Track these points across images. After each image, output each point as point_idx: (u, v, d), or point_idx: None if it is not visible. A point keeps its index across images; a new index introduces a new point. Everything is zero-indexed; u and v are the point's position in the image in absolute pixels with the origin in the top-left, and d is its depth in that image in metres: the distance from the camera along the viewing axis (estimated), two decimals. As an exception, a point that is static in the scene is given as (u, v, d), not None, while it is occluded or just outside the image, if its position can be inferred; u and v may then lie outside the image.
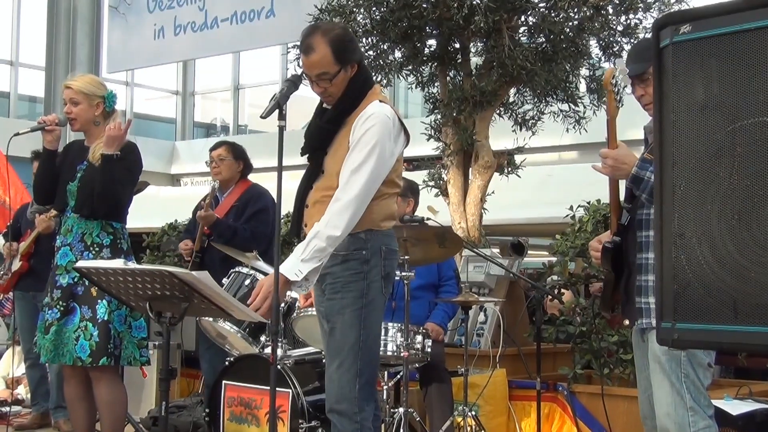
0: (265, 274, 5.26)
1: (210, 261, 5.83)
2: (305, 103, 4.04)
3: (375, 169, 3.55)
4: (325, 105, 3.78)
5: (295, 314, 5.09)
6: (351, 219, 3.51)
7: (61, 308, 4.65)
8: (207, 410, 5.12)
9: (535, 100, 7.87)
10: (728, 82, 1.89)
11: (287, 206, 3.77)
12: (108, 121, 4.78)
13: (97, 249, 4.69)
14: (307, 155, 3.80)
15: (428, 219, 5.74)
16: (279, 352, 4.73)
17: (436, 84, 8.06)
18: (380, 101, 3.68)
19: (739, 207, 1.85)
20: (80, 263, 4.07)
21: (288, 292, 4.89)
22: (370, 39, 7.57)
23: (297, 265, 3.46)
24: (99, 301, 4.59)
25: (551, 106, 7.92)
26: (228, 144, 6.26)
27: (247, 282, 5.27)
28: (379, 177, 3.59)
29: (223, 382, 4.96)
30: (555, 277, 6.79)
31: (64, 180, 4.80)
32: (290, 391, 4.63)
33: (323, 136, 3.72)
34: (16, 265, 6.50)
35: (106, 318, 4.59)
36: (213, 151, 6.18)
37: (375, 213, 3.63)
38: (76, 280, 4.66)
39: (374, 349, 3.74)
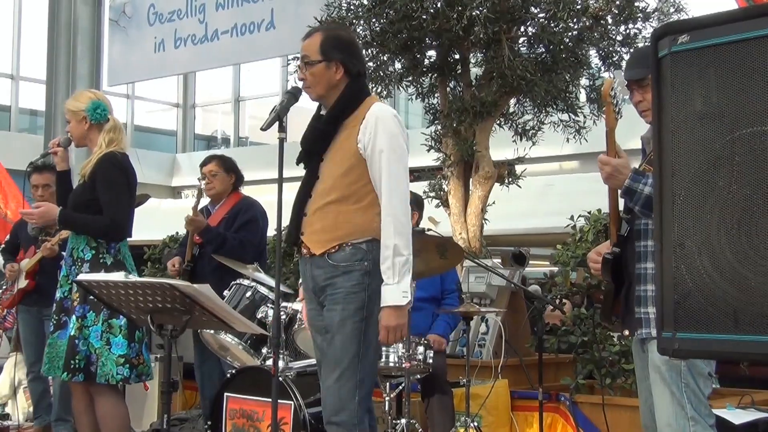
0: (267, 285, 5.25)
1: (201, 271, 5.82)
2: (307, 114, 4.04)
3: (405, 168, 3.64)
4: (321, 112, 3.78)
5: (296, 326, 5.09)
6: (408, 221, 3.60)
7: (54, 321, 4.71)
8: (209, 423, 5.11)
9: (535, 110, 7.88)
10: (727, 92, 1.89)
11: (286, 218, 3.76)
12: (103, 133, 4.76)
13: (79, 264, 4.68)
14: (302, 163, 3.79)
15: (429, 230, 5.74)
16: (281, 364, 4.71)
17: (436, 95, 8.07)
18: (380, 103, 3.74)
19: (738, 216, 1.85)
20: (81, 276, 4.08)
21: (289, 304, 4.91)
22: (370, 50, 7.59)
23: (397, 289, 3.51)
24: (71, 315, 4.59)
25: (551, 116, 7.93)
26: (217, 158, 6.20)
27: (248, 294, 5.27)
28: (407, 172, 3.68)
29: (225, 394, 4.95)
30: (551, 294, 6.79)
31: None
32: (292, 403, 4.62)
33: (322, 137, 3.71)
34: (23, 282, 6.48)
35: (73, 333, 4.55)
36: (203, 166, 6.13)
37: (377, 221, 3.61)
38: (65, 294, 4.69)
39: (374, 362, 3.74)
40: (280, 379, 4.62)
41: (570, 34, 7.34)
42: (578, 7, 7.07)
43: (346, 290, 3.59)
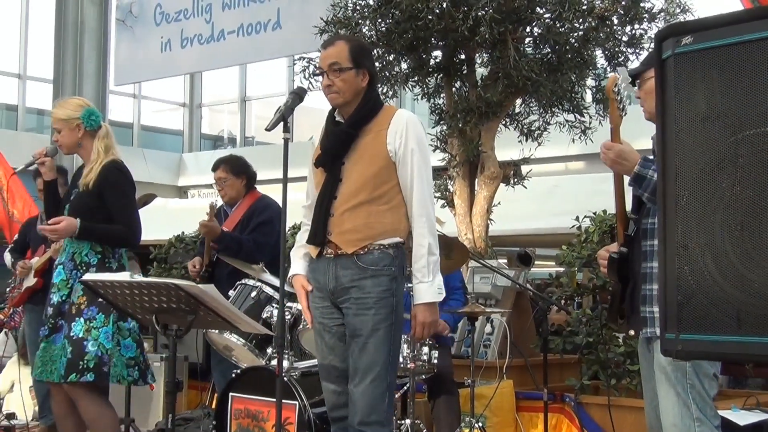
0: (272, 285, 5.25)
1: (219, 275, 5.82)
2: (313, 114, 4.06)
3: (431, 172, 3.80)
4: (337, 118, 3.82)
5: (301, 326, 5.09)
6: (435, 222, 3.78)
7: (50, 325, 4.68)
8: (214, 422, 5.12)
9: (541, 110, 7.88)
10: (730, 93, 1.89)
11: (293, 218, 3.77)
12: (97, 140, 4.78)
13: (84, 268, 4.65)
14: (321, 167, 3.81)
15: (434, 230, 5.73)
16: (285, 364, 4.72)
17: (441, 95, 8.07)
18: None
19: (741, 218, 1.85)
20: (86, 276, 4.09)
21: (294, 304, 4.90)
22: (375, 50, 7.59)
23: (431, 286, 3.68)
24: (77, 318, 4.57)
25: (557, 116, 7.92)
26: (224, 162, 6.08)
27: (253, 294, 5.27)
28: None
29: (230, 394, 4.96)
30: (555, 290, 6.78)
31: (64, 202, 4.84)
32: (297, 403, 4.63)
33: (344, 142, 3.75)
34: (31, 281, 6.49)
35: (81, 335, 4.53)
36: (213, 172, 6.07)
37: (404, 223, 3.73)
38: (64, 298, 4.67)
39: (397, 367, 3.84)
40: (285, 379, 4.63)
41: (576, 34, 7.33)
42: (584, 7, 7.07)
43: (377, 295, 3.64)
